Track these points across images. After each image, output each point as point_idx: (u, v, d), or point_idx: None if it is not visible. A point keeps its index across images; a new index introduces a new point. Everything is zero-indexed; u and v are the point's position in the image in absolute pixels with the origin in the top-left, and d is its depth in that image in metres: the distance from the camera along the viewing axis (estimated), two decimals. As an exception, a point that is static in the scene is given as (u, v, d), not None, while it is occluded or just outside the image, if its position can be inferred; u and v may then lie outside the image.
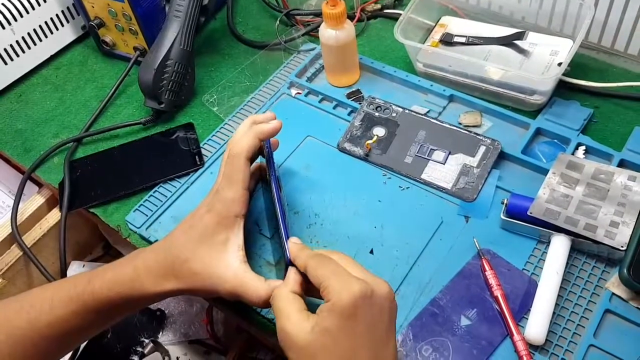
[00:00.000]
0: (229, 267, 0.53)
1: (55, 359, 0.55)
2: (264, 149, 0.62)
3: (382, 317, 0.46)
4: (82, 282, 0.53)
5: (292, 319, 0.46)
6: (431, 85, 0.77)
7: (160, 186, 0.72)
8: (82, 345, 0.76)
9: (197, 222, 0.55)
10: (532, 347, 0.54)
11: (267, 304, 0.51)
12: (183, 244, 0.54)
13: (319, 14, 0.89)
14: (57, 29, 0.91)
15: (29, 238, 0.78)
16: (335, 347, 0.45)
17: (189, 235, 0.55)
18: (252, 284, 0.52)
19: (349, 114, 0.77)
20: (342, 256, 0.50)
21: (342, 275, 0.46)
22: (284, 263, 0.53)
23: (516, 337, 0.54)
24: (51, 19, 0.89)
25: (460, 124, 0.73)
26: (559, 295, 0.56)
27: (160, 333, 0.89)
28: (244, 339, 0.86)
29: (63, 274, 0.71)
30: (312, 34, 0.88)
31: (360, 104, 0.77)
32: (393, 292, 0.48)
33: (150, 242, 0.67)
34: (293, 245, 0.53)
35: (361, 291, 0.45)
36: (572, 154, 0.67)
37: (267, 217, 0.66)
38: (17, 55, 0.87)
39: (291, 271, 0.51)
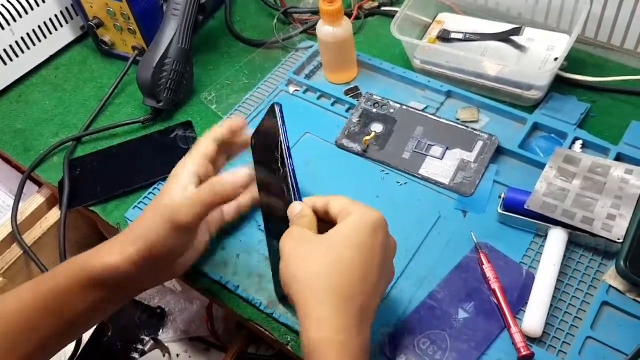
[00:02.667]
0: (185, 190, 0.53)
1: (30, 353, 0.53)
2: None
3: (390, 249, 0.51)
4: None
5: (310, 224, 0.51)
6: (429, 82, 0.77)
7: (160, 184, 0.73)
8: (83, 344, 0.77)
9: (163, 189, 0.57)
10: (530, 340, 0.54)
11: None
12: (148, 207, 0.56)
13: (316, 12, 0.90)
14: (56, 29, 0.91)
15: (29, 237, 0.78)
16: (350, 253, 0.47)
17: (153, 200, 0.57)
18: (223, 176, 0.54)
19: (347, 111, 0.77)
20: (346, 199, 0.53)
21: (361, 206, 0.51)
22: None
23: (514, 329, 0.54)
24: (50, 19, 0.90)
25: (457, 119, 0.73)
26: (556, 288, 0.57)
27: (161, 331, 0.90)
28: (244, 336, 0.86)
29: (63, 272, 0.72)
30: (310, 32, 0.88)
31: (358, 100, 0.77)
32: (395, 246, 0.53)
33: (149, 239, 0.67)
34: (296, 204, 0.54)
35: (381, 218, 0.50)
36: (569, 148, 0.68)
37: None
38: (17, 56, 0.88)
39: (305, 206, 0.53)
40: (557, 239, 0.59)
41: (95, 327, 0.84)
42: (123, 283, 0.53)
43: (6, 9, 0.84)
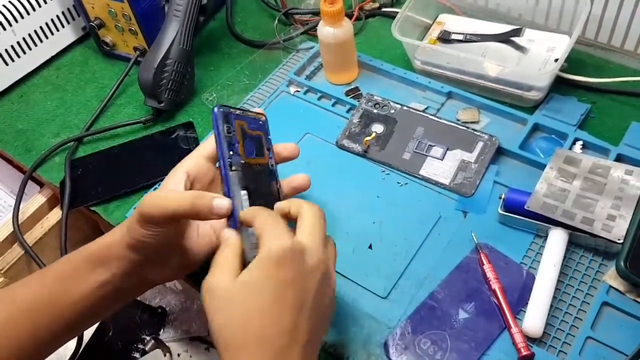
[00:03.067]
0: (158, 193, 0.54)
1: (31, 348, 0.53)
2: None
3: (307, 283, 0.45)
4: None
5: (219, 273, 0.46)
6: (429, 82, 0.77)
7: (161, 183, 0.73)
8: (84, 343, 0.77)
9: None
10: (530, 340, 0.54)
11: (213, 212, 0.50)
12: None
13: (317, 13, 0.90)
14: (57, 30, 0.92)
15: (31, 237, 0.79)
16: (258, 298, 0.44)
17: None
18: (203, 194, 0.50)
19: (347, 111, 0.77)
20: (309, 211, 0.49)
21: (280, 227, 0.46)
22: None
23: (514, 329, 0.54)
24: (52, 20, 0.90)
25: (458, 120, 0.73)
26: (556, 289, 0.57)
27: (162, 330, 0.90)
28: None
29: (64, 272, 0.72)
30: (311, 33, 0.88)
31: (358, 101, 0.77)
32: (329, 266, 0.47)
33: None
34: (248, 210, 0.50)
35: (292, 246, 0.44)
36: (570, 149, 0.68)
37: None
38: (18, 56, 0.88)
39: (232, 234, 0.49)
40: (557, 239, 0.59)
41: (96, 326, 0.85)
42: (122, 265, 0.53)
43: (8, 9, 0.84)
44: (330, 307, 0.50)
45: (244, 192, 0.51)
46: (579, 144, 0.68)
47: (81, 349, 0.74)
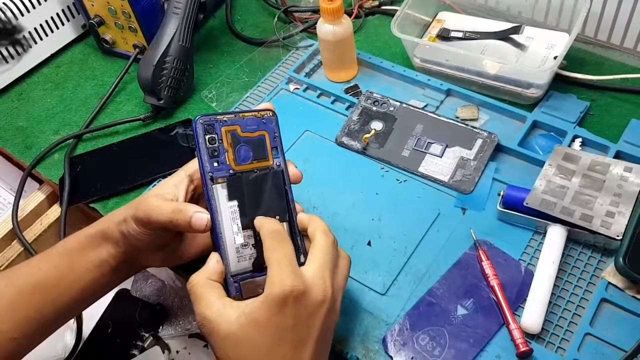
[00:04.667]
0: (154, 195, 0.54)
1: (39, 329, 0.55)
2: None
3: (310, 321, 0.47)
4: None
5: (214, 306, 0.46)
6: (428, 80, 0.77)
7: (160, 180, 0.73)
8: (82, 340, 0.77)
9: None
10: (529, 336, 0.54)
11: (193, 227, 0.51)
12: None
13: (316, 11, 0.90)
14: (57, 27, 0.92)
15: (30, 234, 0.78)
16: (258, 339, 0.45)
17: None
18: (182, 207, 0.52)
19: (347, 109, 0.77)
20: (321, 242, 0.50)
21: (284, 267, 0.46)
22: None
23: (512, 325, 0.54)
24: (51, 17, 0.90)
25: (457, 117, 0.73)
26: (555, 285, 0.57)
27: (161, 327, 0.90)
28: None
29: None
30: (310, 31, 0.88)
31: (358, 98, 0.77)
32: (335, 299, 0.48)
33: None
34: (258, 218, 0.51)
35: (293, 289, 0.45)
36: (569, 146, 0.68)
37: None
38: (18, 54, 0.88)
39: (213, 258, 0.50)
40: (556, 236, 0.59)
41: (95, 323, 0.85)
42: (118, 246, 0.56)
43: (8, 7, 0.84)
44: (331, 335, 0.50)
45: (232, 204, 0.51)
46: (578, 141, 0.68)
47: (80, 346, 0.74)
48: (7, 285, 0.54)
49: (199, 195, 0.58)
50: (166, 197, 0.54)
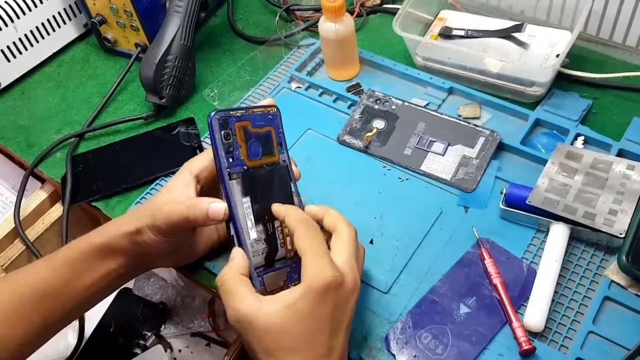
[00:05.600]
0: (169, 202, 0.53)
1: (42, 333, 0.55)
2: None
3: (344, 308, 0.48)
4: None
5: (248, 301, 0.47)
6: (430, 78, 0.77)
7: (162, 179, 0.73)
8: (85, 339, 0.77)
9: None
10: (532, 334, 0.54)
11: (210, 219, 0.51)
12: None
13: (318, 9, 0.90)
14: (59, 26, 0.92)
15: (32, 232, 0.78)
16: (299, 328, 0.46)
17: None
18: (196, 202, 0.52)
19: (348, 107, 0.77)
20: (346, 233, 0.51)
21: (320, 257, 0.48)
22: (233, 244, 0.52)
23: (515, 324, 0.54)
24: (53, 16, 0.90)
25: (459, 116, 0.73)
26: (558, 283, 0.57)
27: (163, 326, 0.90)
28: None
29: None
30: (312, 29, 0.88)
31: (360, 97, 0.77)
32: (359, 289, 0.50)
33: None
34: (280, 205, 0.52)
35: (334, 279, 0.47)
36: (571, 144, 0.68)
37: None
38: (20, 53, 0.88)
39: (238, 254, 0.50)
40: (558, 234, 0.59)
41: (97, 322, 0.85)
42: (126, 256, 0.55)
43: (10, 6, 0.84)
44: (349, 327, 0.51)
45: (246, 200, 0.51)
46: (580, 140, 0.68)
47: (82, 345, 0.74)
48: (10, 290, 0.54)
49: (205, 194, 0.57)
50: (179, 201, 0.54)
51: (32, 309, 0.53)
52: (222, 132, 0.51)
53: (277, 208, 0.52)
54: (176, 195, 0.54)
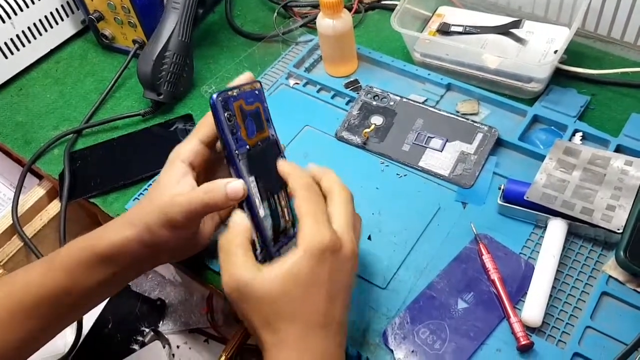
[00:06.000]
0: (178, 194, 0.52)
1: (39, 336, 0.54)
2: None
3: (342, 273, 0.48)
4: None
5: (247, 267, 0.46)
6: (428, 74, 0.77)
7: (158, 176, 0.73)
8: (83, 335, 0.77)
9: None
10: (529, 329, 0.54)
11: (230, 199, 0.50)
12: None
13: (316, 6, 0.90)
14: (56, 23, 0.91)
15: (30, 229, 0.78)
16: (295, 291, 0.46)
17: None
18: (212, 185, 0.51)
19: (346, 104, 0.77)
20: (342, 196, 0.51)
21: (318, 220, 0.47)
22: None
23: (513, 319, 0.54)
24: (51, 13, 0.90)
25: (457, 112, 0.73)
26: (555, 279, 0.57)
27: (161, 322, 0.90)
28: (243, 328, 0.86)
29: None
30: (310, 26, 0.88)
31: (358, 93, 0.77)
32: (357, 255, 0.49)
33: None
34: (286, 164, 0.52)
35: (331, 242, 0.46)
36: (569, 140, 0.68)
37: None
38: (18, 49, 0.88)
39: (243, 219, 0.50)
40: (556, 229, 0.59)
41: (95, 318, 0.85)
42: (129, 260, 0.54)
43: (7, 2, 0.84)
44: (354, 286, 0.51)
45: (251, 179, 0.51)
46: (578, 135, 0.68)
47: (80, 341, 0.74)
48: (6, 296, 0.52)
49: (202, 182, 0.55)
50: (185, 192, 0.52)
51: (29, 314, 0.52)
52: (226, 114, 0.50)
53: (282, 166, 0.51)
54: (179, 187, 0.52)
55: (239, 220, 0.50)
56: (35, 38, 0.89)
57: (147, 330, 0.87)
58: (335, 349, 0.48)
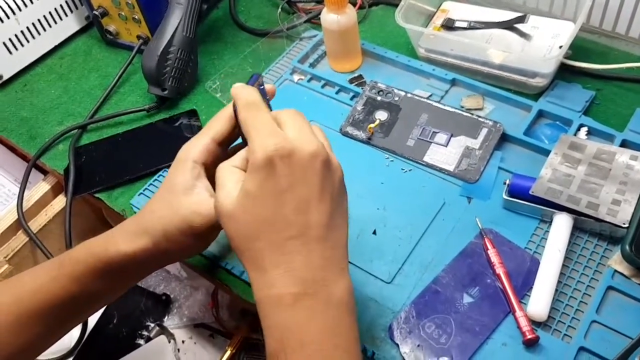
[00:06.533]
0: (195, 202, 0.50)
1: (46, 340, 0.54)
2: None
3: (307, 177, 0.43)
4: (65, 252, 0.53)
5: (226, 188, 0.45)
6: (433, 70, 0.77)
7: (165, 170, 0.73)
8: (88, 331, 0.77)
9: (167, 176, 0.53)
10: (535, 324, 0.54)
11: None
12: (152, 197, 0.53)
13: (320, 1, 0.90)
14: (61, 19, 0.91)
15: (35, 224, 0.79)
16: (255, 209, 0.43)
17: (158, 189, 0.53)
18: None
19: (351, 99, 0.77)
20: (286, 112, 0.47)
21: (262, 130, 0.44)
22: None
23: (518, 313, 0.54)
24: (55, 9, 0.90)
25: (462, 107, 0.73)
26: (561, 273, 0.57)
27: (166, 317, 0.90)
28: (248, 323, 0.86)
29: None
30: (314, 21, 0.88)
31: (362, 88, 0.77)
32: (325, 154, 0.44)
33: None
34: (236, 87, 0.48)
35: (276, 148, 0.42)
36: (574, 135, 0.68)
37: None
38: (22, 45, 0.88)
39: (243, 150, 0.48)
40: (562, 224, 0.59)
41: (100, 313, 0.85)
42: (140, 267, 0.53)
43: (12, -2, 0.84)
44: (341, 192, 0.47)
45: None
46: (583, 130, 0.68)
47: (85, 336, 0.75)
48: (15, 302, 0.51)
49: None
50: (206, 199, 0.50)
51: (36, 320, 0.51)
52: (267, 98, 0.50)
53: (233, 90, 0.48)
54: (197, 193, 0.50)
55: (241, 153, 0.48)
56: (39, 34, 0.89)
57: (152, 325, 0.87)
58: (321, 261, 0.44)
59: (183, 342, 0.89)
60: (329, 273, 0.44)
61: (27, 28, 0.87)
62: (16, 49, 0.87)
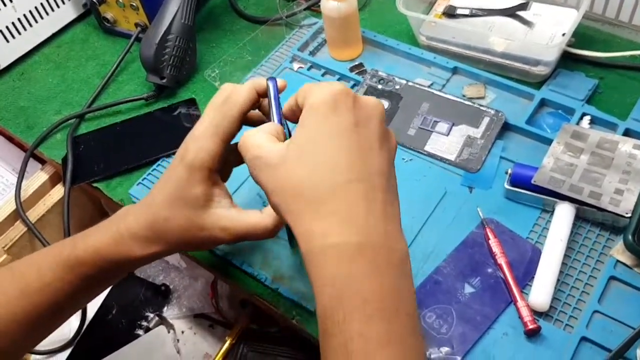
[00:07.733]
0: (221, 217, 0.49)
1: (49, 329, 0.54)
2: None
3: (371, 122, 0.41)
4: (67, 247, 0.51)
5: (264, 145, 0.43)
6: (434, 58, 0.76)
7: (163, 160, 0.72)
8: (87, 321, 0.77)
9: (172, 175, 0.50)
10: (537, 314, 0.54)
11: (275, 231, 0.50)
12: (160, 202, 0.50)
13: (320, -11, 0.88)
14: (58, 6, 0.90)
15: (33, 214, 0.78)
16: (315, 148, 0.40)
17: (164, 192, 0.50)
18: (253, 221, 0.49)
19: (352, 87, 0.76)
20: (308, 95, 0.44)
21: (319, 85, 0.42)
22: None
23: (520, 303, 0.54)
24: (52, -4, 0.89)
25: (464, 96, 0.73)
26: (563, 263, 0.56)
27: (165, 307, 0.90)
28: (248, 313, 0.86)
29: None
30: (314, 9, 0.87)
31: (363, 77, 0.76)
32: (382, 106, 0.43)
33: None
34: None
35: (343, 88, 0.41)
36: (577, 124, 0.67)
37: None
38: (19, 33, 0.87)
39: (269, 123, 0.48)
40: (564, 213, 0.59)
41: (99, 304, 0.85)
42: (146, 264, 0.54)
43: (8, -15, 0.83)
44: (393, 157, 0.44)
45: None
46: (586, 119, 0.67)
47: (85, 327, 0.74)
48: (23, 297, 0.51)
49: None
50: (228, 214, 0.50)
51: (43, 317, 0.52)
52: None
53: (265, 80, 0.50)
54: (218, 206, 0.50)
55: (268, 124, 0.48)
56: (36, 22, 0.88)
57: (151, 315, 0.87)
58: (383, 214, 0.40)
59: (182, 332, 0.89)
60: (391, 228, 0.40)
61: (24, 16, 0.86)
62: (13, 37, 0.86)
